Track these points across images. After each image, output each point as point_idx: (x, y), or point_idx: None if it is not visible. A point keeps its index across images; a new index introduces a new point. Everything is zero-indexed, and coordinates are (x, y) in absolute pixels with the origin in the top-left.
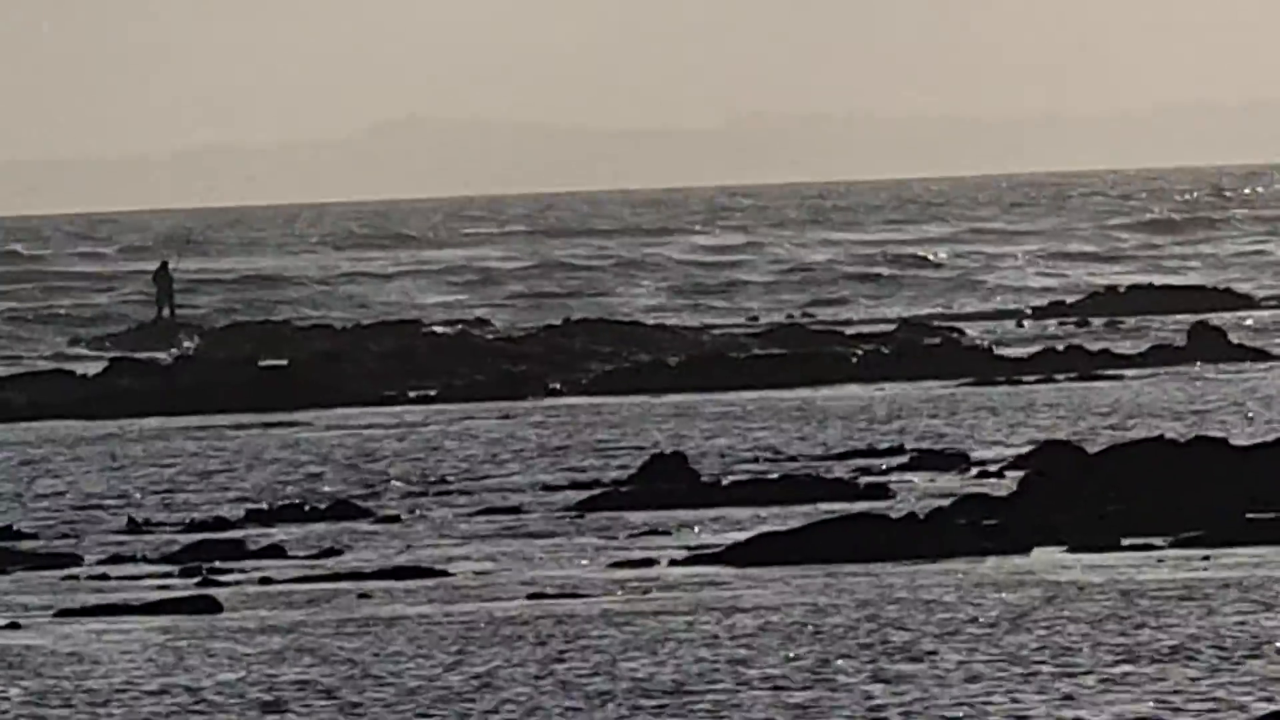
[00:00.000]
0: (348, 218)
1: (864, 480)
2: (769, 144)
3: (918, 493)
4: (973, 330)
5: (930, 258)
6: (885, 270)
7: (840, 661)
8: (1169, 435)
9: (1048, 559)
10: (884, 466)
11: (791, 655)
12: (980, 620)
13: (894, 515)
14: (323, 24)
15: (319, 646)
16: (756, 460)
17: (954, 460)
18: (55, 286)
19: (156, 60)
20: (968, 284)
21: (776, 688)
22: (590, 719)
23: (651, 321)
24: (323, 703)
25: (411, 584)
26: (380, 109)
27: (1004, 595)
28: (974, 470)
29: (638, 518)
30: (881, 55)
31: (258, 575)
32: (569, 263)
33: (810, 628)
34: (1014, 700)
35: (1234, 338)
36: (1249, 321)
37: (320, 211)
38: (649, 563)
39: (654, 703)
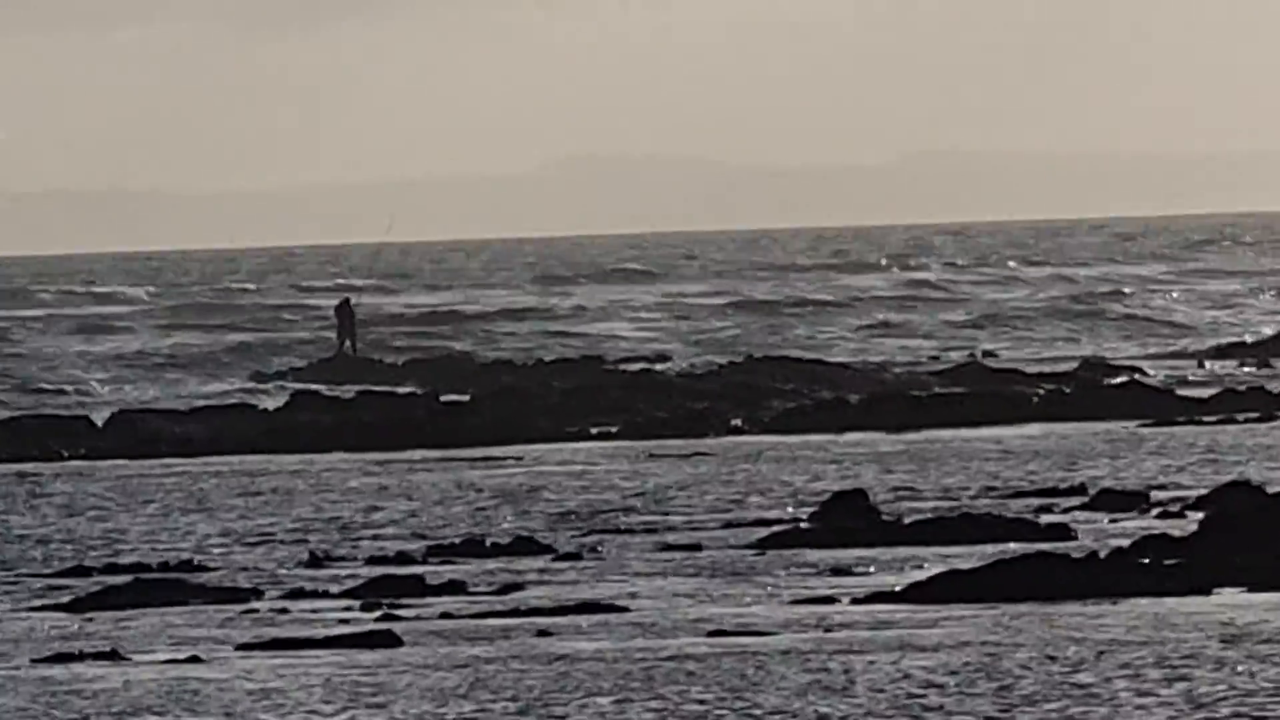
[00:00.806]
0: (531, 252)
1: (1044, 519)
2: (948, 180)
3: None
4: (1154, 370)
5: (1117, 294)
6: (1069, 308)
7: (1020, 702)
8: None
9: (1229, 599)
10: (1064, 506)
11: (970, 694)
12: (1161, 661)
13: (1074, 555)
14: (506, 58)
15: (497, 682)
16: (936, 499)
17: (1134, 500)
18: (240, 321)
19: (339, 94)
20: (1152, 323)
21: None
22: None
23: (834, 359)
24: None
25: (591, 620)
26: (562, 144)
27: (1184, 635)
28: (1154, 510)
29: (818, 555)
30: (1060, 92)
31: (438, 611)
32: (757, 299)
33: (989, 667)
34: None
35: None
36: None
37: (504, 246)
38: (829, 600)
39: None
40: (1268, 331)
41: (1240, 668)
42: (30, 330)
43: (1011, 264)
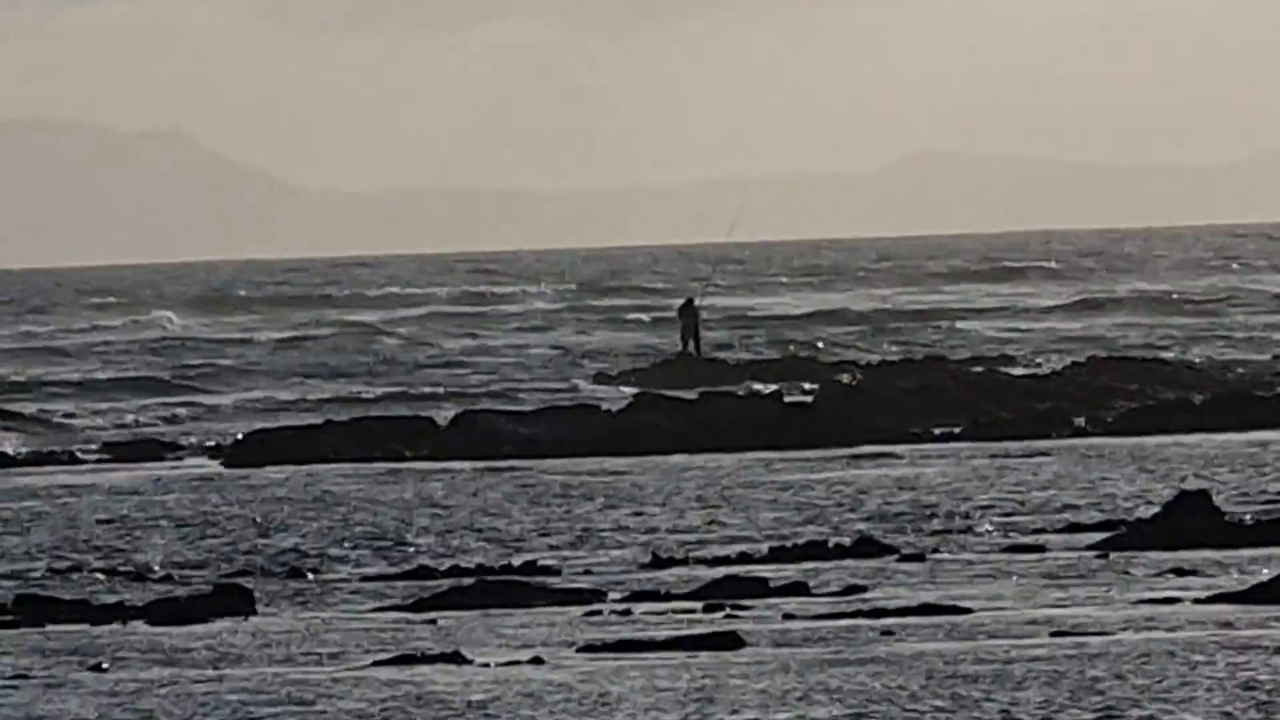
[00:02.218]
0: (879, 251)
1: None
2: None
3: None
4: None
5: None
6: None
7: None
8: None
9: None
10: None
11: None
12: None
13: None
14: (845, 57)
15: (839, 684)
16: (1276, 500)
17: None
18: (580, 319)
19: (680, 94)
20: None
21: None
22: None
23: (1177, 359)
24: None
25: (934, 621)
26: (903, 144)
27: None
28: None
29: (1161, 556)
30: None
31: (780, 612)
32: (1105, 298)
33: None
34: None
35: None
36: None
37: (849, 246)
38: (1172, 601)
39: None
40: None
41: None
42: (413, 327)
43: None
